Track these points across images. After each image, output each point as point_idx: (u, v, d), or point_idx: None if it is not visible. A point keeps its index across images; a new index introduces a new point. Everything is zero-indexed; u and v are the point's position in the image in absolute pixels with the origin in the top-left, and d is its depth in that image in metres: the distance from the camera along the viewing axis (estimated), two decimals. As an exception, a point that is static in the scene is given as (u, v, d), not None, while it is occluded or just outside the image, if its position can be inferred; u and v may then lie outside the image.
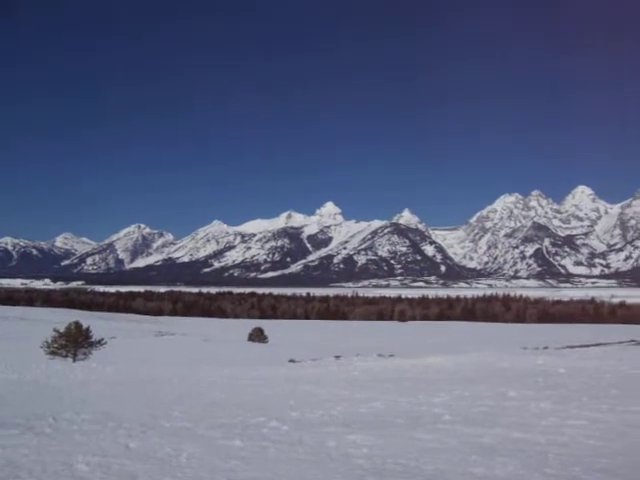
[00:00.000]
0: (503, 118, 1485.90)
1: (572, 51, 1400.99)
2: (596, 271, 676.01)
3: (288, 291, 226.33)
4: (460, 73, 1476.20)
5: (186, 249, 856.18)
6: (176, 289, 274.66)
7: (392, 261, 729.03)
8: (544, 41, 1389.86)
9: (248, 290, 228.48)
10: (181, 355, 41.34)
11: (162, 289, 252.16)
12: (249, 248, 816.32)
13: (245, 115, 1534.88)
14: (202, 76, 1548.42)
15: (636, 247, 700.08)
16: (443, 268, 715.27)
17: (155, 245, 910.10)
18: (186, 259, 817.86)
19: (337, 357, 32.54)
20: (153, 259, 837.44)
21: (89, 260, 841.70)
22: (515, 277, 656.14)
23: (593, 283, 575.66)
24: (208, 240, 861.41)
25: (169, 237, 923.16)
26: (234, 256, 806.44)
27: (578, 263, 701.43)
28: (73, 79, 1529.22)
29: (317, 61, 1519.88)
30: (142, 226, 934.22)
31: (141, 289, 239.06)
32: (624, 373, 16.69)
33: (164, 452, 8.60)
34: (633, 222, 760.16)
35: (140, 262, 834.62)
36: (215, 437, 9.70)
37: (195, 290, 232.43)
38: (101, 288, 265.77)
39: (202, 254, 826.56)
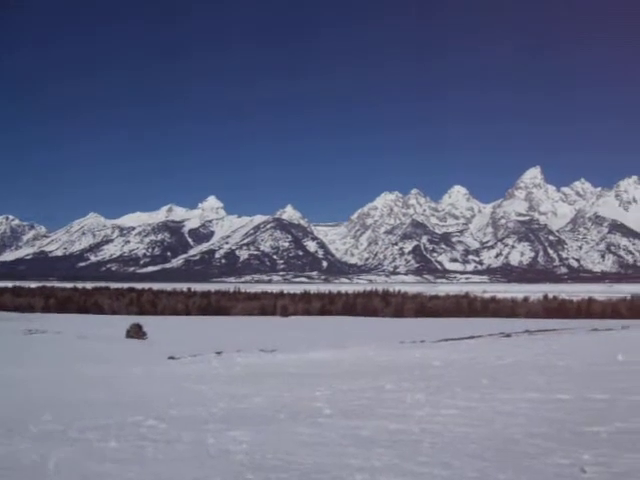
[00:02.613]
0: (383, 117, 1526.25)
1: (451, 48, 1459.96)
2: (470, 267, 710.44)
3: (168, 286, 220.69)
4: (333, 73, 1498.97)
5: (60, 242, 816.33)
6: (49, 284, 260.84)
7: (274, 256, 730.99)
8: (415, 43, 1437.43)
9: (127, 285, 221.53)
10: (54, 354, 39.32)
11: (33, 284, 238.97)
12: (128, 242, 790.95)
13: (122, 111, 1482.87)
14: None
15: (506, 245, 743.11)
16: (325, 264, 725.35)
17: (25, 238, 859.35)
18: (60, 253, 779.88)
19: (218, 353, 32.22)
20: (23, 252, 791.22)
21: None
22: (394, 273, 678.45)
23: (467, 279, 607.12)
24: (84, 233, 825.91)
25: (41, 229, 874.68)
26: (112, 250, 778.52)
27: (453, 259, 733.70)
28: None
29: (206, 60, 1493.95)
30: (10, 217, 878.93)
31: (9, 284, 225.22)
32: (494, 364, 17.64)
33: (29, 459, 8.05)
34: (503, 221, 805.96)
35: (8, 256, 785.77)
36: (89, 439, 9.29)
37: (70, 285, 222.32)
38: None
39: (77, 248, 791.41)
